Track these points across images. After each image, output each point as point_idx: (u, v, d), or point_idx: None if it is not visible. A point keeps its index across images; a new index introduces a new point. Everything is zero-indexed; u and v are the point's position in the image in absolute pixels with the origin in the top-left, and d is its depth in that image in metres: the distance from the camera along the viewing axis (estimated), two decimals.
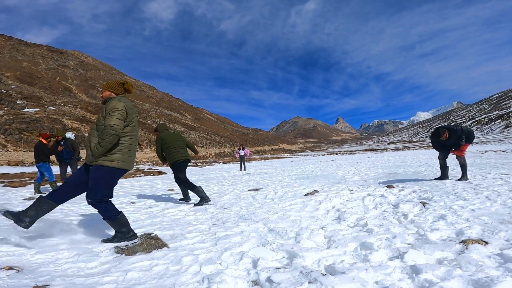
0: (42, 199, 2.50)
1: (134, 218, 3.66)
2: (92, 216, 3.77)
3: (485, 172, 6.47)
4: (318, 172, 10.35)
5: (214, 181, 8.92)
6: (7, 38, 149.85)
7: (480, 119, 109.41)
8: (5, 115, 48.34)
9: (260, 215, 3.59)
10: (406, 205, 3.49)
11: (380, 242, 2.26)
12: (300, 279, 1.66)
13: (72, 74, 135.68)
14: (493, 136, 73.28)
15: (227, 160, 37.94)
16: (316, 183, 6.53)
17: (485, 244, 2.05)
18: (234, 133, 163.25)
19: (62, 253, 2.31)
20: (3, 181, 9.48)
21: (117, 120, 2.41)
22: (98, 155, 2.41)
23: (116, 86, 2.66)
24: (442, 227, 2.55)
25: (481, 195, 3.79)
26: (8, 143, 38.59)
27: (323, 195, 4.64)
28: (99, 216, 2.65)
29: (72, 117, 61.22)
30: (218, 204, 4.57)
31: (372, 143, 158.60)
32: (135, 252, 2.30)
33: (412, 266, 1.75)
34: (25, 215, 2.42)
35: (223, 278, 1.72)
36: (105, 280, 1.79)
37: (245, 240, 2.55)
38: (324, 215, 3.44)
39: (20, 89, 75.31)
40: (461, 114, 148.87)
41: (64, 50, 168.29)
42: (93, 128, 2.52)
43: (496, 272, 1.60)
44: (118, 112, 2.43)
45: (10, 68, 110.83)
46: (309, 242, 2.43)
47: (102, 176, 2.46)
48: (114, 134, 2.38)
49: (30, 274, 1.87)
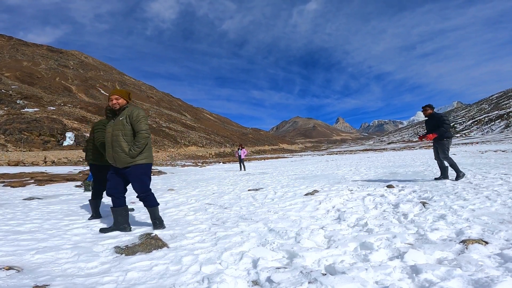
0: (119, 208, 2.96)
1: (134, 218, 3.66)
2: (91, 216, 3.77)
3: (485, 172, 6.46)
4: (318, 172, 10.35)
5: (214, 181, 8.92)
6: (7, 38, 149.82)
7: (480, 119, 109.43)
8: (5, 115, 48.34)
9: (260, 215, 3.59)
10: (406, 205, 3.49)
11: (380, 242, 2.26)
12: (300, 279, 1.66)
13: (72, 74, 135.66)
14: (493, 136, 73.29)
15: (227, 160, 37.94)
16: (316, 183, 6.53)
17: (485, 244, 2.05)
18: (234, 133, 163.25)
19: (62, 253, 2.31)
20: (3, 181, 9.47)
21: (147, 125, 2.89)
22: (134, 156, 2.79)
23: (127, 95, 3.01)
24: (442, 227, 2.55)
25: (481, 195, 3.79)
26: (8, 143, 38.60)
27: (323, 195, 4.64)
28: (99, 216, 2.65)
29: (72, 117, 61.23)
30: (218, 204, 4.57)
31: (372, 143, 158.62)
32: (135, 252, 2.30)
33: (412, 266, 1.75)
34: (123, 223, 2.98)
35: (223, 278, 1.72)
36: (105, 280, 1.79)
37: (245, 240, 2.55)
38: (324, 215, 3.44)
39: (20, 89, 75.30)
40: (461, 114, 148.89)
41: (64, 50, 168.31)
42: (116, 135, 2.81)
43: (496, 272, 1.60)
44: (145, 118, 2.90)
45: (10, 68, 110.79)
46: (309, 242, 2.43)
47: (144, 171, 2.90)
48: (147, 136, 2.83)
49: (30, 274, 1.87)
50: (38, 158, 33.30)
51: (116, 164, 2.84)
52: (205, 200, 5.01)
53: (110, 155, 2.86)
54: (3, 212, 4.18)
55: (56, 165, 27.57)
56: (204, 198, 5.24)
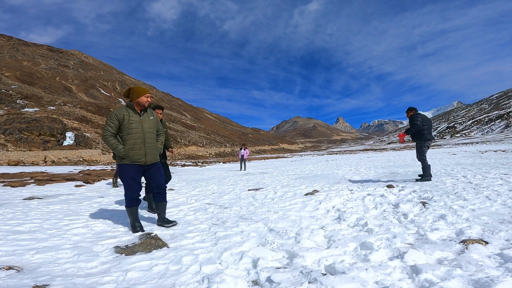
0: (137, 207, 3.08)
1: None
2: (91, 216, 3.77)
3: (485, 172, 6.46)
4: (318, 171, 10.35)
5: (214, 181, 8.92)
6: (7, 38, 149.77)
7: (480, 119, 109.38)
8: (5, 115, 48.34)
9: (260, 214, 3.59)
10: (406, 205, 3.49)
11: (380, 242, 2.26)
12: (300, 279, 1.66)
13: (72, 74, 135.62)
14: (493, 136, 73.28)
15: (227, 160, 37.94)
16: (316, 183, 6.53)
17: (485, 244, 2.05)
18: (234, 133, 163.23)
19: (62, 252, 2.31)
20: (3, 180, 9.48)
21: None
22: (160, 153, 3.16)
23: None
24: (442, 227, 2.55)
25: (481, 195, 3.79)
26: (8, 143, 38.60)
27: (323, 195, 4.64)
28: (99, 216, 2.66)
29: (72, 116, 61.23)
30: (218, 204, 4.57)
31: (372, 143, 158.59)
32: (135, 252, 2.30)
33: (412, 266, 1.75)
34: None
35: (223, 278, 1.72)
36: (105, 280, 1.79)
37: (245, 240, 2.55)
38: (324, 215, 3.44)
39: (20, 89, 75.30)
40: (461, 114, 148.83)
41: (64, 50, 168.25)
42: (151, 132, 3.01)
43: (496, 272, 1.60)
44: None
45: (10, 67, 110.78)
46: (309, 242, 2.43)
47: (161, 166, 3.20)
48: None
49: (30, 274, 1.87)
50: (38, 158, 33.31)
51: (145, 160, 2.94)
52: (205, 200, 5.00)
53: (142, 151, 2.89)
54: (3, 212, 4.18)
55: (56, 164, 27.59)
56: (204, 198, 5.24)
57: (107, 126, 2.85)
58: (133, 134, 2.86)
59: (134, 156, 2.87)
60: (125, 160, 2.88)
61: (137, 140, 2.87)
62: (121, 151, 2.84)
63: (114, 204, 4.88)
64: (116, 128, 2.86)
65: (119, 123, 2.85)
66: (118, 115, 2.85)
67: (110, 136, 2.85)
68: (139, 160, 2.90)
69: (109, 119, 2.86)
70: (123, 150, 2.84)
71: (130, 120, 2.87)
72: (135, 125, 2.87)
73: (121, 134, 2.88)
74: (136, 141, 2.86)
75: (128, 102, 3.01)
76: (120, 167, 2.93)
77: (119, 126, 2.86)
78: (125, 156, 2.86)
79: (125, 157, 2.87)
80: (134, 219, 3.00)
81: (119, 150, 2.83)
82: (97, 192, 6.72)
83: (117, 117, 2.84)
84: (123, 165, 2.91)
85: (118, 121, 2.84)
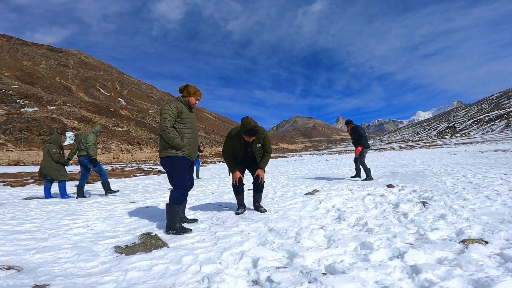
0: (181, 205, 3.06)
1: (134, 218, 3.66)
2: (91, 216, 3.77)
3: (485, 171, 6.46)
4: (318, 171, 10.35)
5: (214, 180, 8.92)
6: (7, 37, 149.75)
7: (480, 119, 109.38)
8: (5, 115, 48.34)
9: (260, 214, 3.59)
10: (406, 205, 3.49)
11: (380, 241, 2.26)
12: (300, 278, 1.66)
13: (72, 74, 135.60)
14: (493, 136, 73.26)
15: None
16: (316, 183, 6.53)
17: (485, 243, 2.05)
18: None
19: (62, 252, 2.31)
20: (3, 180, 9.47)
21: None
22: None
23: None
24: (442, 226, 2.55)
25: (481, 195, 3.79)
26: (8, 143, 38.60)
27: (323, 195, 4.64)
28: (99, 215, 2.65)
29: (72, 116, 61.22)
30: (218, 204, 4.57)
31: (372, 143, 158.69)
32: (135, 252, 2.30)
33: (412, 266, 1.75)
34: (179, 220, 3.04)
35: (223, 278, 1.72)
36: (105, 280, 1.79)
37: (245, 239, 2.55)
38: (324, 214, 3.44)
39: (20, 89, 75.28)
40: (461, 114, 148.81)
41: (64, 50, 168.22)
42: (197, 131, 3.06)
43: (496, 271, 1.60)
44: None
45: (10, 67, 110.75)
46: (309, 241, 2.43)
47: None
48: None
49: (30, 274, 1.87)
50: (38, 158, 33.30)
51: (192, 156, 3.00)
52: (205, 200, 5.01)
53: (195, 147, 3.02)
54: (3, 211, 4.18)
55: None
56: (204, 198, 5.24)
57: (168, 116, 2.75)
58: (189, 128, 2.92)
59: (188, 150, 2.92)
60: (180, 152, 2.86)
61: (193, 135, 2.95)
62: (180, 143, 2.80)
63: (114, 203, 4.88)
64: (174, 119, 2.83)
65: (177, 116, 2.85)
66: (178, 107, 2.83)
67: (170, 126, 2.77)
68: (191, 154, 2.97)
69: (170, 109, 2.78)
70: (182, 143, 2.83)
71: (186, 115, 2.90)
72: (189, 121, 2.92)
73: (179, 126, 2.87)
74: (193, 136, 2.94)
75: (181, 98, 2.98)
76: (175, 158, 2.85)
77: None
78: (183, 148, 2.85)
79: (183, 149, 2.87)
80: (178, 219, 2.90)
81: (178, 142, 2.78)
82: (97, 192, 6.72)
83: (178, 109, 2.82)
84: (179, 157, 2.85)
85: (177, 114, 2.83)
